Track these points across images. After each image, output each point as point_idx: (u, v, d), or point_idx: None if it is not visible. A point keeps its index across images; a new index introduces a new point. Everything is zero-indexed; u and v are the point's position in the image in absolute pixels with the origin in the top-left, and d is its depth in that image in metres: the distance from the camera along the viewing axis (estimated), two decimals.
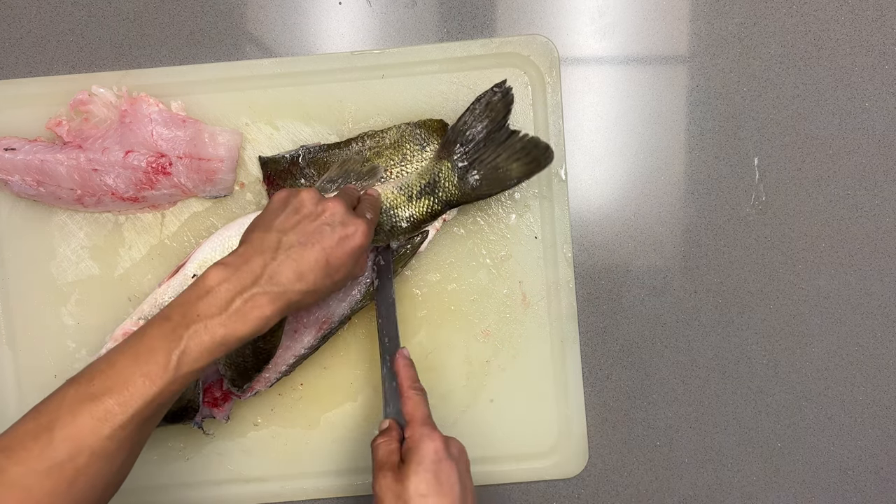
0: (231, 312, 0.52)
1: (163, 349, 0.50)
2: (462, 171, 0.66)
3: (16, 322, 0.71)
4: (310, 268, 0.55)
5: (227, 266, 0.53)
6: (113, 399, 0.48)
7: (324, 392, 0.72)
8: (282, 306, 0.53)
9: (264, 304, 0.52)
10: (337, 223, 0.57)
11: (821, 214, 0.73)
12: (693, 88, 0.73)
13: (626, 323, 0.73)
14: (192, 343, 0.50)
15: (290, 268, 0.54)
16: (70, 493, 0.47)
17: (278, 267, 0.54)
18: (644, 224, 0.73)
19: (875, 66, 0.72)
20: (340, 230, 0.57)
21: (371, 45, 0.72)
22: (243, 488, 0.72)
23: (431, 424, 0.59)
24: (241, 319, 0.52)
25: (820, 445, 0.74)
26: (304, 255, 0.55)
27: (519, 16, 0.72)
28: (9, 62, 0.72)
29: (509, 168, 0.66)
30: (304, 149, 0.69)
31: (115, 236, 0.71)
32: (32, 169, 0.67)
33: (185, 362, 0.50)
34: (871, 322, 0.73)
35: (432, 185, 0.67)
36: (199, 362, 0.51)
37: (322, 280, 0.55)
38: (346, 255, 0.57)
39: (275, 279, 0.53)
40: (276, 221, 0.57)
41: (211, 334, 0.51)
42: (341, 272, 0.57)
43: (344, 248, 0.57)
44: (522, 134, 0.66)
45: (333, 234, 0.56)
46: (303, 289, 0.54)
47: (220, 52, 0.72)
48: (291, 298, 0.54)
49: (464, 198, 0.67)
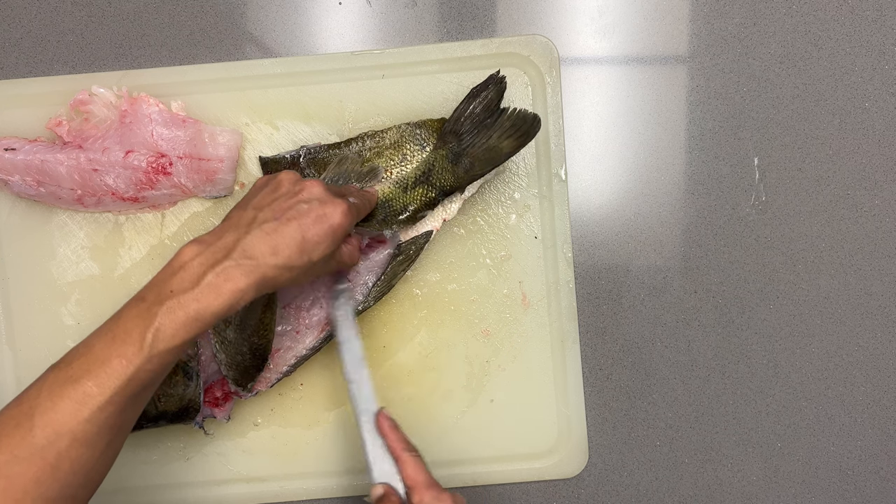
0: (203, 286, 0.51)
1: (137, 328, 0.49)
2: (455, 157, 0.66)
3: (16, 322, 0.71)
4: (285, 243, 0.54)
5: (200, 242, 0.53)
6: (91, 381, 0.48)
7: (324, 392, 0.72)
8: (256, 280, 0.52)
9: (237, 276, 0.51)
10: (314, 200, 0.56)
11: (821, 214, 0.73)
12: (693, 88, 0.73)
13: (626, 323, 0.73)
14: (165, 320, 0.50)
15: (265, 241, 0.53)
16: (54, 478, 0.47)
17: (252, 240, 0.53)
18: (644, 224, 0.73)
19: (875, 66, 0.72)
20: (318, 208, 0.56)
21: (371, 45, 0.72)
22: (243, 488, 0.72)
23: (437, 486, 0.58)
24: (214, 293, 0.51)
25: (820, 445, 0.74)
26: (279, 230, 0.54)
27: (519, 16, 0.72)
28: (9, 62, 0.72)
29: (501, 146, 0.66)
30: (304, 149, 0.69)
31: (115, 236, 0.71)
32: (32, 169, 0.67)
33: (161, 339, 0.49)
34: (871, 322, 0.73)
35: (426, 173, 0.67)
36: (175, 339, 0.50)
37: (298, 256, 0.54)
38: (322, 232, 0.55)
39: (248, 252, 0.52)
40: (254, 200, 0.57)
41: (185, 310, 0.50)
42: (318, 250, 0.55)
43: (321, 225, 0.55)
44: (511, 110, 0.66)
45: (310, 212, 0.55)
46: (277, 263, 0.53)
47: (220, 52, 0.72)
48: (266, 273, 0.53)
49: (458, 182, 0.67)
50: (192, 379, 0.65)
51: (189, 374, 0.65)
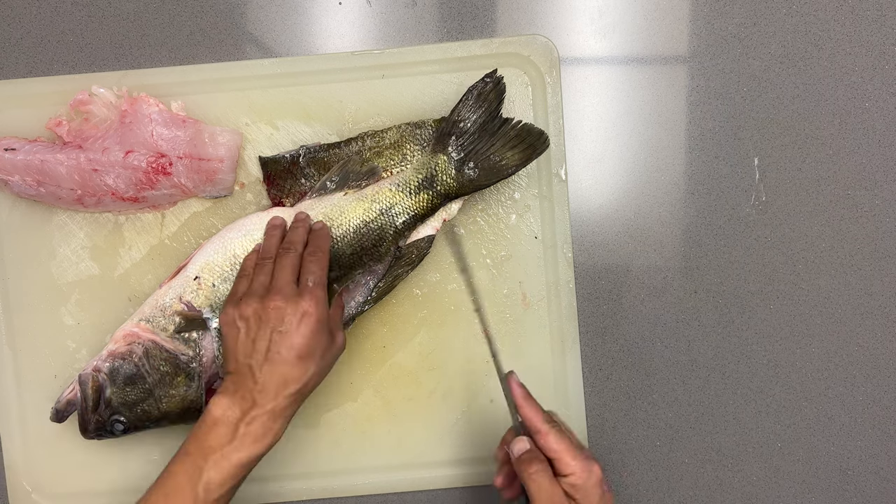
0: (240, 438, 0.56)
1: (188, 485, 0.56)
2: (459, 164, 0.66)
3: (16, 322, 0.71)
4: (289, 369, 0.57)
5: (223, 394, 0.58)
6: None
7: (324, 392, 0.72)
8: (285, 413, 0.58)
9: (267, 421, 0.57)
10: (285, 317, 0.58)
11: (821, 214, 0.73)
12: (693, 88, 0.73)
13: (626, 323, 0.73)
14: (213, 473, 0.56)
15: (273, 381, 0.57)
16: None
17: (263, 388, 0.57)
18: (644, 224, 0.73)
19: (875, 66, 0.72)
20: (292, 321, 0.58)
21: (371, 45, 0.72)
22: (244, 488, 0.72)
23: (583, 452, 0.56)
24: (252, 441, 0.57)
25: (820, 445, 0.74)
26: (276, 366, 0.57)
27: (519, 16, 0.72)
28: (9, 62, 0.72)
29: (505, 156, 0.66)
30: (304, 148, 0.69)
31: (115, 236, 0.71)
32: (32, 169, 0.67)
33: (212, 490, 0.56)
34: (871, 322, 0.73)
35: (430, 178, 0.67)
36: (224, 487, 0.56)
37: (305, 370, 0.58)
38: (310, 337, 0.58)
39: (267, 396, 0.57)
40: (239, 353, 0.59)
41: (229, 460, 0.56)
42: (317, 351, 0.59)
43: (304, 333, 0.58)
44: (515, 121, 0.66)
45: (288, 331, 0.58)
46: (294, 390, 0.58)
47: (220, 52, 0.72)
48: (289, 404, 0.58)
49: (462, 189, 0.67)
50: (194, 380, 0.65)
51: (191, 376, 0.65)
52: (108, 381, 0.64)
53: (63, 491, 0.72)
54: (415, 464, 0.73)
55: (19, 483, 0.72)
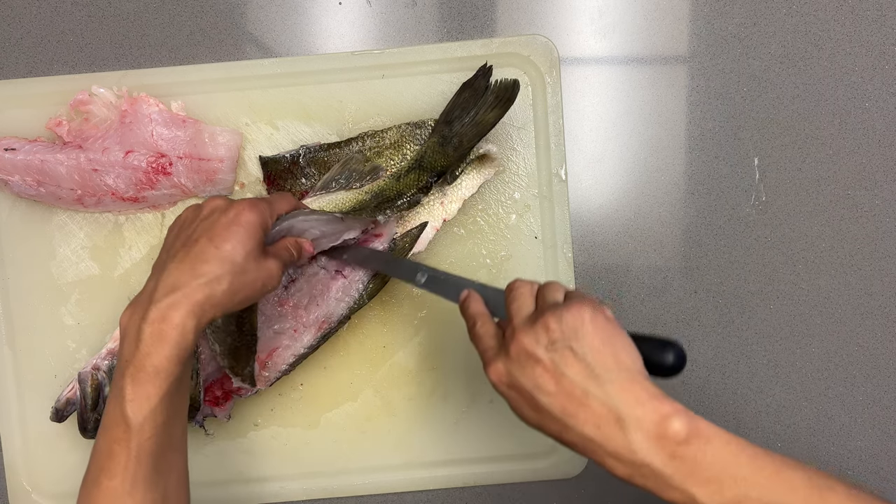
0: (145, 341, 0.50)
1: (117, 409, 0.50)
2: (445, 140, 0.67)
3: (16, 322, 0.71)
4: (200, 259, 0.52)
5: (130, 304, 0.53)
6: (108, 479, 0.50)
7: (324, 392, 0.72)
8: (190, 308, 0.51)
9: (170, 315, 0.50)
10: (215, 212, 0.55)
11: (821, 214, 0.73)
12: (693, 88, 0.73)
13: (626, 323, 0.73)
14: (133, 390, 0.50)
15: (181, 269, 0.52)
16: None
17: (168, 276, 0.52)
18: (644, 224, 0.73)
19: (875, 66, 0.72)
20: (220, 216, 0.54)
21: (371, 45, 0.72)
22: (243, 488, 0.72)
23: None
24: (157, 341, 0.50)
25: (820, 445, 0.74)
26: (190, 252, 0.52)
27: (519, 16, 0.72)
28: (9, 62, 0.72)
29: (486, 119, 0.67)
30: (304, 148, 0.69)
31: (115, 236, 0.71)
32: (32, 169, 0.67)
33: (139, 409, 0.50)
34: (871, 322, 0.73)
35: (419, 160, 0.68)
36: (152, 400, 0.50)
37: (219, 265, 0.52)
38: (229, 231, 0.53)
39: (169, 287, 0.51)
40: (163, 250, 0.56)
41: (143, 371, 0.50)
42: (235, 251, 0.53)
43: (227, 227, 0.53)
44: (494, 85, 0.67)
45: (215, 223, 0.54)
46: (202, 281, 0.51)
47: (220, 52, 0.72)
48: (196, 297, 0.51)
49: (448, 161, 0.67)
50: (192, 377, 0.65)
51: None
52: (108, 380, 0.64)
53: (63, 491, 0.72)
54: (415, 464, 0.72)
55: (19, 483, 0.72)
